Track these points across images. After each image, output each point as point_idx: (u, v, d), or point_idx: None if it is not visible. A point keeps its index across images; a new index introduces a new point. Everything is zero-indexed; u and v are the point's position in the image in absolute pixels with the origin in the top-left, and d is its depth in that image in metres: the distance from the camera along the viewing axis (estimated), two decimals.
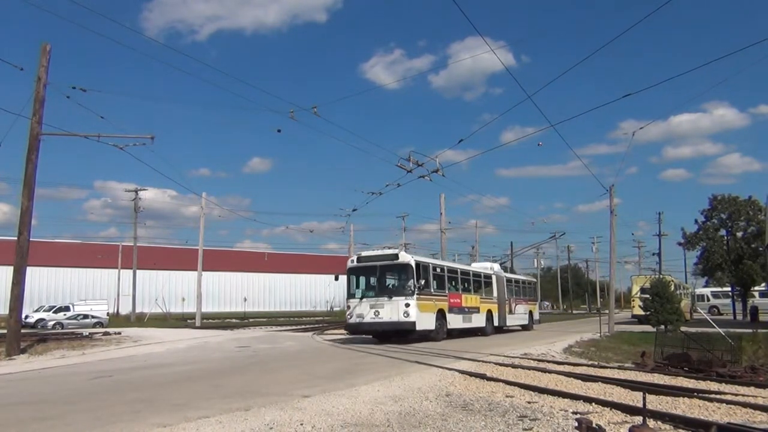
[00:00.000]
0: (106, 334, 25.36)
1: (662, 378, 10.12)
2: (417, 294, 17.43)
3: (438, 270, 19.82)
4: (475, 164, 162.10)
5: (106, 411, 6.69)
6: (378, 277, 18.26)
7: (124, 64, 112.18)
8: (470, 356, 13.02)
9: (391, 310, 17.37)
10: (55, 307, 39.94)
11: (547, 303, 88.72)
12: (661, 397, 7.78)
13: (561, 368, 11.11)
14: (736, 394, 8.19)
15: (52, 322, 35.37)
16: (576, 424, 5.79)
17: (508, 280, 26.12)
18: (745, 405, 7.11)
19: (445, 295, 19.65)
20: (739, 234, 38.99)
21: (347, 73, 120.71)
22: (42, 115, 14.78)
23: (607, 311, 28.25)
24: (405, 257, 18.04)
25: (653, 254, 54.98)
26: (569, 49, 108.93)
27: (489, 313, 22.96)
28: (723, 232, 39.82)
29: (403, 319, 17.17)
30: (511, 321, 25.29)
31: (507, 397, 7.77)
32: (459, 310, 20.53)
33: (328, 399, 7.45)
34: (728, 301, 43.00)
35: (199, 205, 37.54)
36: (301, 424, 5.93)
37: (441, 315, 18.92)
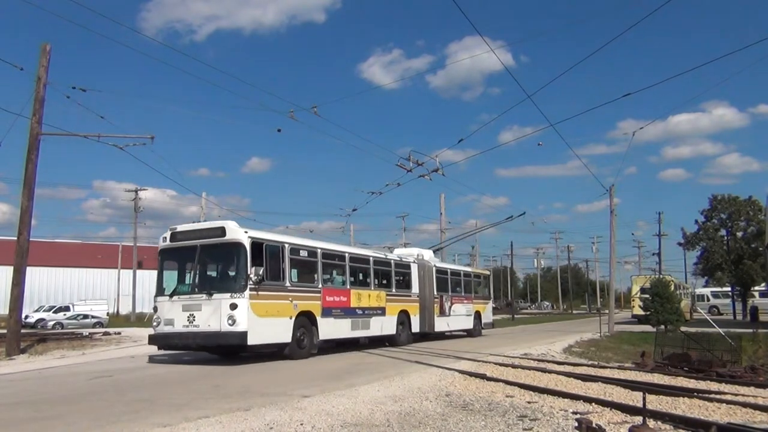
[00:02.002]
0: (106, 334, 25.35)
1: (662, 378, 10.12)
2: (252, 289, 11.74)
3: (302, 254, 13.76)
4: (474, 164, 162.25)
5: (106, 411, 6.69)
6: (197, 263, 12.40)
7: (124, 64, 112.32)
8: (470, 356, 13.02)
9: (211, 314, 11.72)
10: (55, 307, 39.93)
11: (547, 303, 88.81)
12: (661, 397, 7.78)
13: (561, 368, 11.11)
14: (736, 394, 8.19)
15: (52, 322, 35.36)
16: (576, 424, 5.79)
17: (441, 272, 20.40)
18: (745, 405, 7.11)
19: (317, 291, 13.88)
20: (739, 234, 38.97)
21: (346, 73, 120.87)
22: (42, 115, 14.79)
23: (607, 311, 28.25)
24: (235, 232, 12.10)
25: (653, 254, 55.14)
26: (568, 49, 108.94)
27: (404, 315, 17.51)
28: (723, 232, 39.81)
29: (226, 327, 11.50)
30: (445, 325, 20.06)
31: (507, 397, 7.76)
32: (344, 312, 14.82)
33: (328, 399, 7.45)
34: (728, 301, 42.99)
35: (199, 205, 37.55)
36: (301, 424, 5.92)
37: (306, 320, 13.33)
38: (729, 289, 43.03)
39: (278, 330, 12.42)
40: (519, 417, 6.40)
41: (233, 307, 11.53)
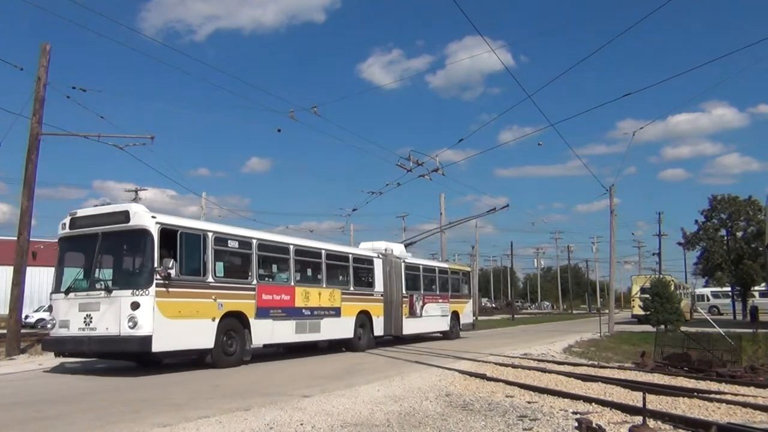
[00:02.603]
0: None
1: (662, 378, 10.13)
2: (160, 284, 9.88)
3: (232, 244, 11.80)
4: (473, 164, 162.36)
5: (106, 411, 6.69)
6: (98, 253, 10.47)
7: (124, 64, 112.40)
8: (470, 356, 13.02)
9: (109, 315, 9.87)
10: None
11: (547, 303, 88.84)
12: (661, 397, 7.78)
13: (561, 368, 11.11)
14: (736, 394, 8.19)
15: None
16: (576, 424, 5.80)
17: (412, 268, 18.51)
18: (745, 405, 7.12)
19: (251, 288, 11.90)
20: (739, 234, 38.98)
21: (345, 73, 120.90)
22: (42, 115, 14.78)
23: (607, 311, 28.26)
24: (140, 217, 10.16)
25: (653, 254, 55.10)
26: (568, 49, 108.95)
27: (364, 316, 15.50)
28: (723, 232, 39.82)
29: (126, 331, 9.63)
30: (415, 327, 18.12)
31: (507, 397, 7.77)
32: (286, 312, 12.78)
33: (328, 399, 7.45)
34: (728, 301, 42.99)
35: (199, 205, 37.58)
36: (301, 424, 5.92)
37: (236, 322, 11.44)
38: (729, 289, 43.04)
39: (196, 334, 10.52)
40: (519, 417, 6.40)
41: (135, 306, 9.67)
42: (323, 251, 14.63)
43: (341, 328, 14.64)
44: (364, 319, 15.47)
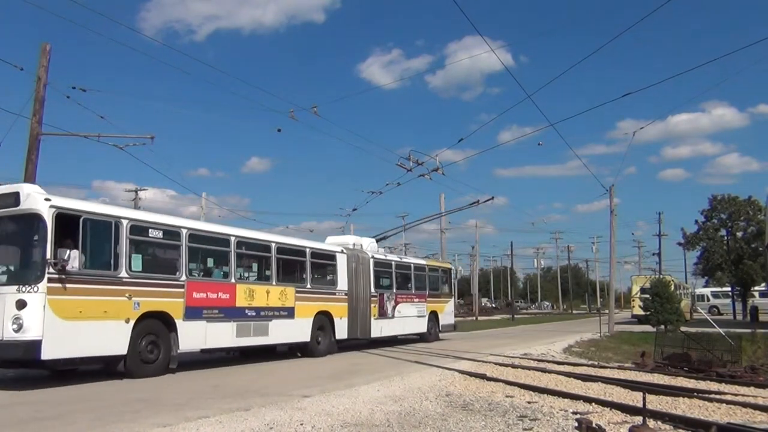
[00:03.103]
0: None
1: (662, 378, 10.14)
2: (54, 279, 8.42)
3: (154, 234, 10.27)
4: (473, 164, 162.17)
5: (107, 411, 6.69)
6: None
7: (124, 64, 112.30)
8: (470, 356, 13.03)
9: None
10: None
11: (547, 303, 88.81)
12: (661, 397, 7.79)
13: (561, 368, 11.12)
14: (736, 394, 8.20)
15: None
16: (576, 424, 5.80)
17: (382, 264, 16.97)
18: (745, 405, 7.13)
19: (178, 285, 10.39)
20: (739, 234, 38.97)
21: (345, 73, 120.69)
22: (42, 115, 14.75)
23: (607, 311, 28.25)
24: (32, 200, 8.64)
25: (653, 254, 55.04)
26: (568, 49, 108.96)
27: (324, 317, 13.91)
28: (723, 232, 39.82)
29: (11, 335, 8.17)
30: (387, 329, 16.47)
31: (507, 397, 7.77)
32: (224, 313, 11.27)
33: (328, 399, 7.46)
34: (728, 301, 42.98)
35: (199, 205, 37.57)
36: (301, 424, 5.93)
37: (159, 324, 10.01)
38: (729, 289, 43.04)
39: (104, 338, 9.02)
40: (519, 417, 6.41)
41: (21, 305, 8.13)
42: (273, 244, 12.93)
43: (295, 330, 13.03)
44: (323, 321, 13.88)
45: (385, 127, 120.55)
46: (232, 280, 11.65)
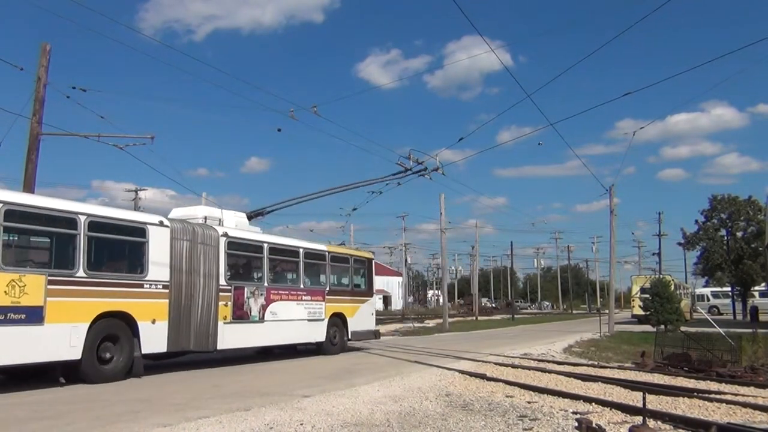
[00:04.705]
0: None
1: (662, 378, 10.13)
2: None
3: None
4: (472, 164, 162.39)
5: (106, 411, 6.69)
6: None
7: (124, 64, 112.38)
8: (470, 356, 13.02)
9: None
10: None
11: (547, 303, 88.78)
12: (661, 397, 7.79)
13: (561, 368, 11.12)
14: (736, 394, 8.20)
15: None
16: (576, 424, 5.80)
17: (243, 246, 12.46)
18: (745, 405, 7.12)
19: None
20: (739, 234, 38.96)
21: (344, 73, 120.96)
22: (42, 115, 14.74)
23: (607, 311, 28.25)
24: None
25: (653, 254, 55.03)
26: (567, 49, 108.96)
27: (118, 322, 9.45)
28: (723, 232, 39.81)
29: None
30: (249, 337, 12.11)
31: (507, 397, 7.77)
32: None
33: (328, 399, 7.46)
34: (728, 301, 42.97)
35: (198, 205, 37.50)
36: (301, 424, 5.92)
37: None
38: (729, 289, 43.04)
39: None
40: (519, 417, 6.40)
41: None
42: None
43: (51, 343, 8.41)
44: (115, 328, 9.37)
45: (385, 127, 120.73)
46: None
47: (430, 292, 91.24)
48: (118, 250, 10.36)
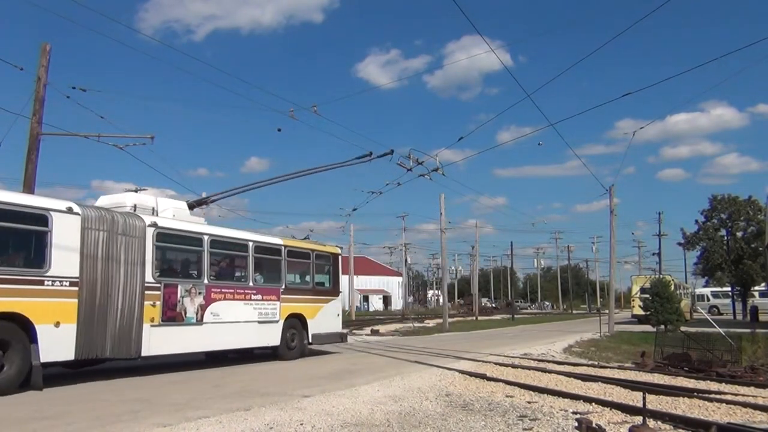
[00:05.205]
0: None
1: (662, 378, 10.13)
2: None
3: None
4: (472, 164, 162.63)
5: (107, 411, 6.69)
6: None
7: (124, 64, 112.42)
8: (470, 356, 13.02)
9: None
10: None
11: (547, 303, 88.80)
12: (661, 397, 7.79)
13: (561, 368, 11.12)
14: (736, 394, 8.20)
15: None
16: (576, 424, 5.80)
17: (176, 237, 11.02)
18: (745, 405, 7.13)
19: None
20: (739, 234, 38.97)
21: (343, 73, 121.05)
22: (42, 115, 14.74)
23: (607, 311, 28.25)
24: None
25: (653, 254, 55.04)
26: (567, 49, 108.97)
27: (7, 326, 7.99)
28: (723, 232, 39.82)
29: None
30: (184, 341, 10.70)
31: (507, 396, 7.77)
32: None
33: (328, 399, 7.46)
34: (728, 301, 42.97)
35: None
36: (301, 424, 5.93)
37: None
38: (729, 289, 43.04)
39: None
40: (519, 417, 6.41)
41: None
42: None
43: None
44: (6, 332, 8.01)
45: (384, 126, 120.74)
46: None
47: (430, 292, 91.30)
48: (13, 241, 8.81)
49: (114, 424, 5.91)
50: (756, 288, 39.38)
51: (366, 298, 75.67)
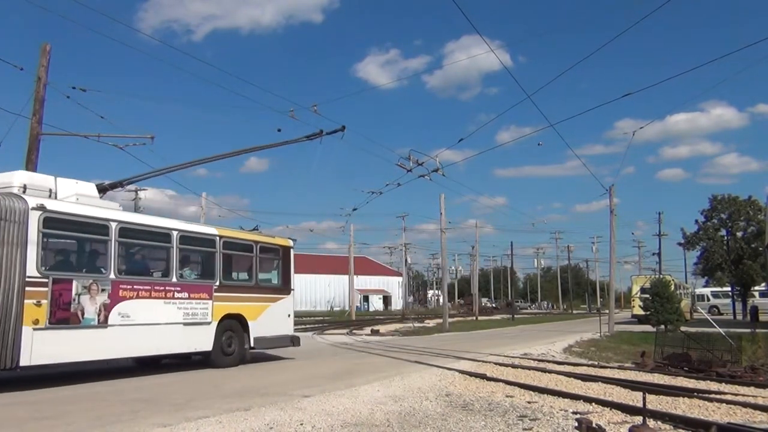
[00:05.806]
0: None
1: (662, 378, 10.13)
2: None
3: None
4: (471, 164, 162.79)
5: (107, 411, 6.69)
6: None
7: (124, 64, 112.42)
8: (470, 356, 13.02)
9: None
10: None
11: (545, 303, 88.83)
12: (661, 397, 7.79)
13: (561, 368, 11.12)
14: (736, 394, 8.20)
15: None
16: (576, 424, 5.80)
17: (72, 224, 9.10)
18: (745, 405, 7.13)
19: None
20: (739, 234, 38.98)
21: (343, 73, 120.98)
22: (42, 115, 14.74)
23: (607, 311, 28.26)
24: None
25: (653, 254, 55.05)
26: (567, 49, 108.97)
27: None
28: (723, 232, 39.82)
29: None
30: (80, 348, 8.86)
31: (507, 397, 7.77)
32: None
33: (328, 399, 7.46)
34: (728, 301, 42.97)
35: (199, 205, 37.47)
36: (301, 424, 5.93)
37: None
38: (729, 289, 43.05)
39: None
40: (519, 417, 6.41)
41: None
42: None
43: None
44: None
45: (384, 127, 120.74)
46: None
47: (430, 292, 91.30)
48: None
49: (114, 424, 5.91)
50: (756, 288, 39.38)
51: (366, 298, 75.75)
